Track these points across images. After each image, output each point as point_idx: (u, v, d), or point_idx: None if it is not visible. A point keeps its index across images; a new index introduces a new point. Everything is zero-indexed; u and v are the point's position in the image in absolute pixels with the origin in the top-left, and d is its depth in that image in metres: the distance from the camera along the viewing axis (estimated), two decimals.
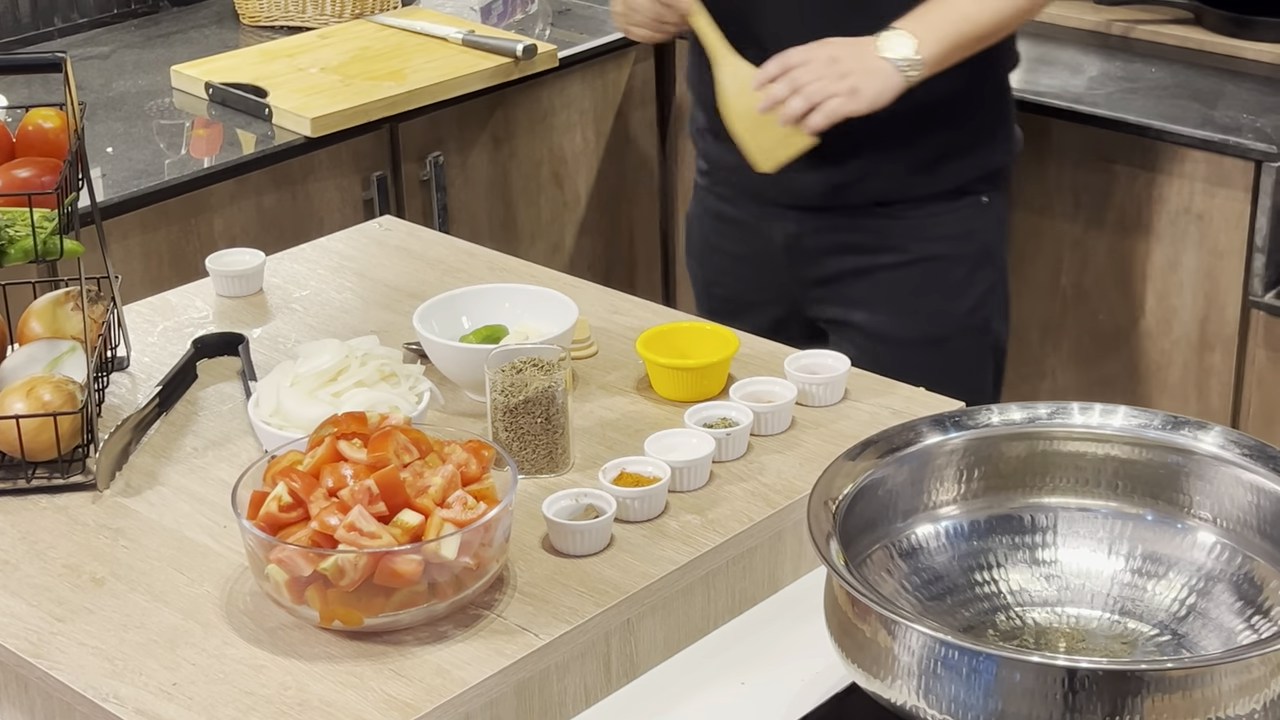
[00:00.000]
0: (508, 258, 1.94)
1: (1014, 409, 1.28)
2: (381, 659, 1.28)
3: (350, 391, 1.47)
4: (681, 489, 1.47)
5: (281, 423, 1.47)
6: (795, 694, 1.32)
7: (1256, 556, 1.23)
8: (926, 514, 1.28)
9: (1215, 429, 1.25)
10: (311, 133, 2.54)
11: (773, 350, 1.70)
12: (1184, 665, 1.09)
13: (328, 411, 1.42)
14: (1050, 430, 1.27)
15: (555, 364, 1.49)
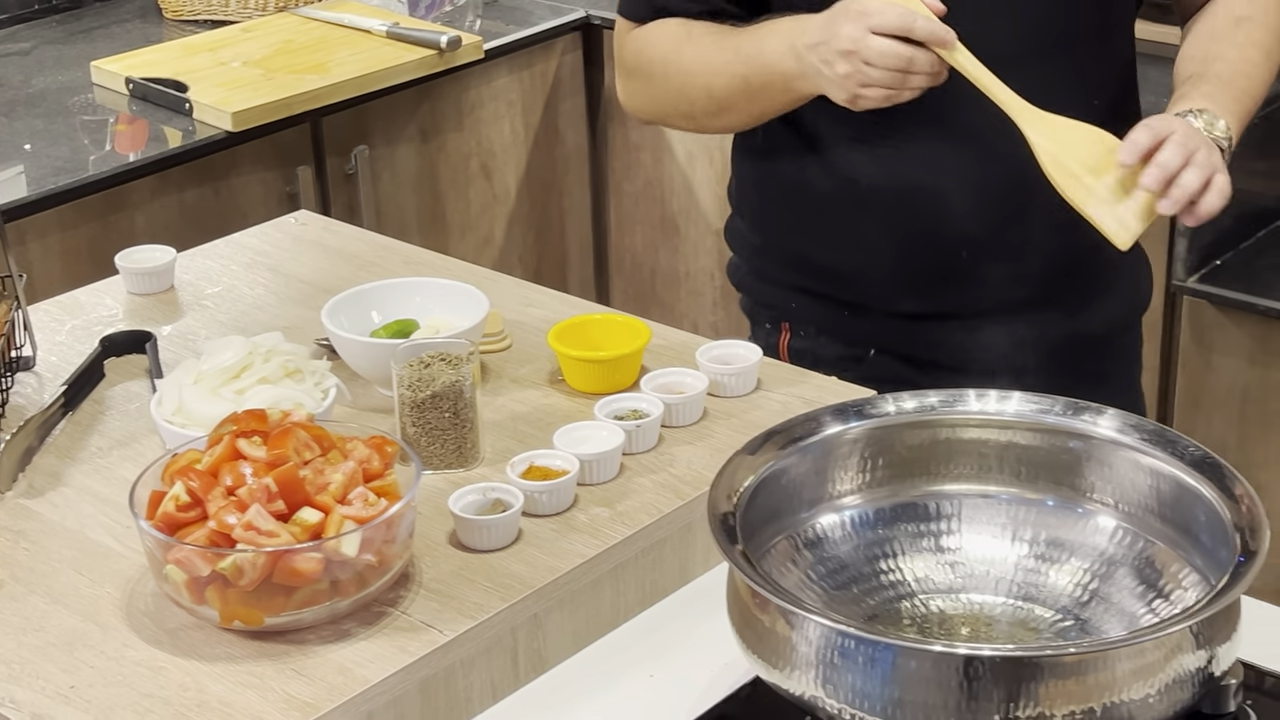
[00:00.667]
0: (424, 251, 1.93)
1: (909, 398, 1.27)
2: (283, 658, 1.27)
3: (254, 388, 1.45)
4: (591, 482, 1.46)
5: (184, 421, 1.45)
6: (704, 686, 1.32)
7: (1157, 540, 1.23)
8: (829, 504, 1.28)
9: (1113, 414, 1.25)
10: (233, 127, 2.52)
11: (685, 341, 1.69)
12: (1078, 651, 1.09)
13: (230, 409, 1.40)
14: (949, 418, 1.26)
15: (463, 358, 1.48)
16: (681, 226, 3.07)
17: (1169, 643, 1.08)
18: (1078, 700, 1.08)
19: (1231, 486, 1.18)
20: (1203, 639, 1.10)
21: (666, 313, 3.15)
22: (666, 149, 3.04)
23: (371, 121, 2.75)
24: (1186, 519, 1.21)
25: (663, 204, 3.08)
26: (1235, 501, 1.17)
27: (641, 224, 3.14)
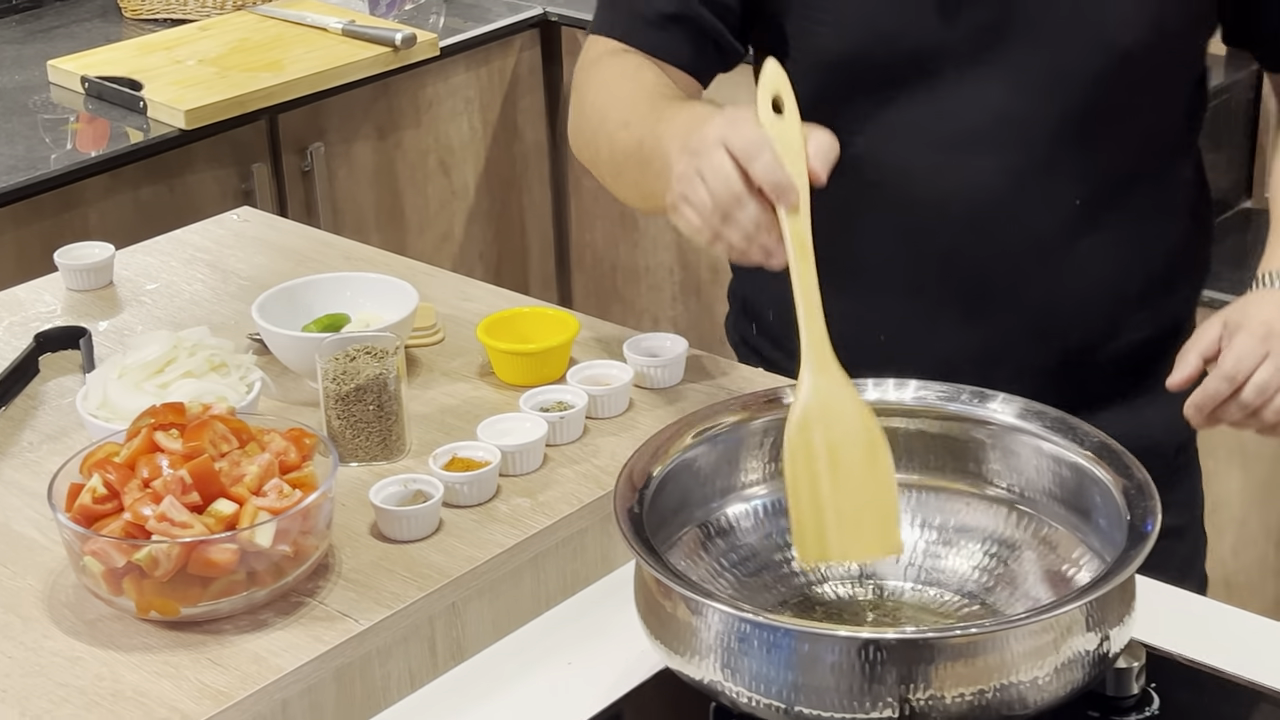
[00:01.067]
0: (363, 247, 1.94)
1: None
2: (199, 648, 1.28)
3: (177, 382, 1.47)
4: (514, 473, 1.48)
5: (108, 415, 1.47)
6: (620, 673, 1.33)
7: (1058, 525, 1.25)
8: (738, 494, 1.30)
9: (1014, 401, 1.26)
10: (186, 125, 2.54)
11: (618, 334, 1.70)
12: (971, 633, 1.10)
13: (153, 403, 1.42)
14: None
15: (388, 351, 1.50)
16: (640, 222, 3.09)
17: (1060, 624, 1.10)
18: (969, 681, 1.10)
19: (1128, 472, 1.20)
20: (1094, 620, 1.12)
21: (628, 308, 3.17)
22: None
23: (327, 119, 2.76)
24: (1086, 504, 1.23)
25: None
26: (1131, 487, 1.19)
27: (602, 220, 3.15)
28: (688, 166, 1.26)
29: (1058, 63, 1.45)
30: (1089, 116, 1.47)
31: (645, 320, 3.15)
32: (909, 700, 1.10)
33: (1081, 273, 1.52)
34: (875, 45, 1.48)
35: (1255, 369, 1.32)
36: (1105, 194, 1.50)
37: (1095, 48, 1.45)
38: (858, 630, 1.13)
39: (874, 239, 1.53)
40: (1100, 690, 1.24)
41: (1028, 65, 1.45)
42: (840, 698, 1.11)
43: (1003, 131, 1.47)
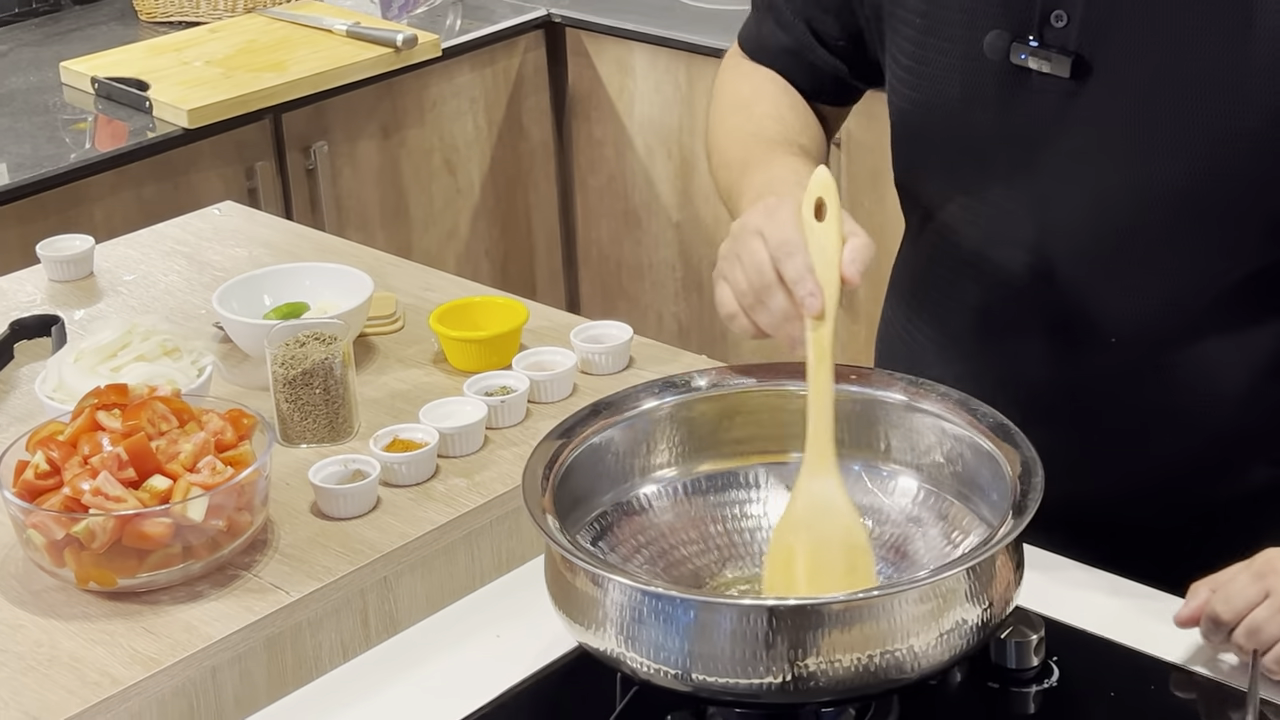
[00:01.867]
0: (335, 239, 2.00)
1: (716, 373, 1.33)
2: (135, 617, 1.34)
3: (130, 366, 1.53)
4: (453, 454, 1.53)
5: (64, 397, 1.53)
6: (545, 645, 1.38)
7: (955, 500, 1.28)
8: (649, 475, 1.33)
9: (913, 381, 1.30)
10: (189, 124, 2.60)
11: (568, 322, 1.75)
12: (855, 599, 1.14)
13: (106, 383, 1.48)
14: (754, 389, 1.32)
15: (335, 337, 1.55)
16: (644, 219, 3.14)
17: (939, 590, 1.13)
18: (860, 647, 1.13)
19: (1020, 450, 1.23)
20: (975, 588, 1.15)
21: (633, 304, 3.22)
22: (628, 144, 3.10)
23: (331, 118, 2.83)
24: (982, 481, 1.26)
25: (625, 198, 3.15)
26: (1022, 464, 1.22)
27: (606, 217, 3.20)
28: (729, 247, 1.29)
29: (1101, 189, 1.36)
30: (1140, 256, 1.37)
31: (650, 316, 3.19)
32: (799, 665, 1.14)
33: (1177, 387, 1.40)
34: (952, 115, 1.42)
35: (1248, 609, 1.23)
36: (1207, 295, 1.37)
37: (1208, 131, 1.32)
38: (748, 599, 1.17)
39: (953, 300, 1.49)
40: (1001, 662, 1.27)
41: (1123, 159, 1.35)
42: (734, 664, 1.15)
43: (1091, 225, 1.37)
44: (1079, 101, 1.35)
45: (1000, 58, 1.36)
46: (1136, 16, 1.32)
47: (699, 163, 3.01)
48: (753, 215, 1.28)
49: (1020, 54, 1.35)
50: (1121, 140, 1.34)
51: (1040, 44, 1.35)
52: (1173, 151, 1.33)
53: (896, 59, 1.45)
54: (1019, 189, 1.39)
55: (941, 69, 1.40)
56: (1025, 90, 1.36)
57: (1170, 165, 1.33)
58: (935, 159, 1.46)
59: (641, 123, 3.07)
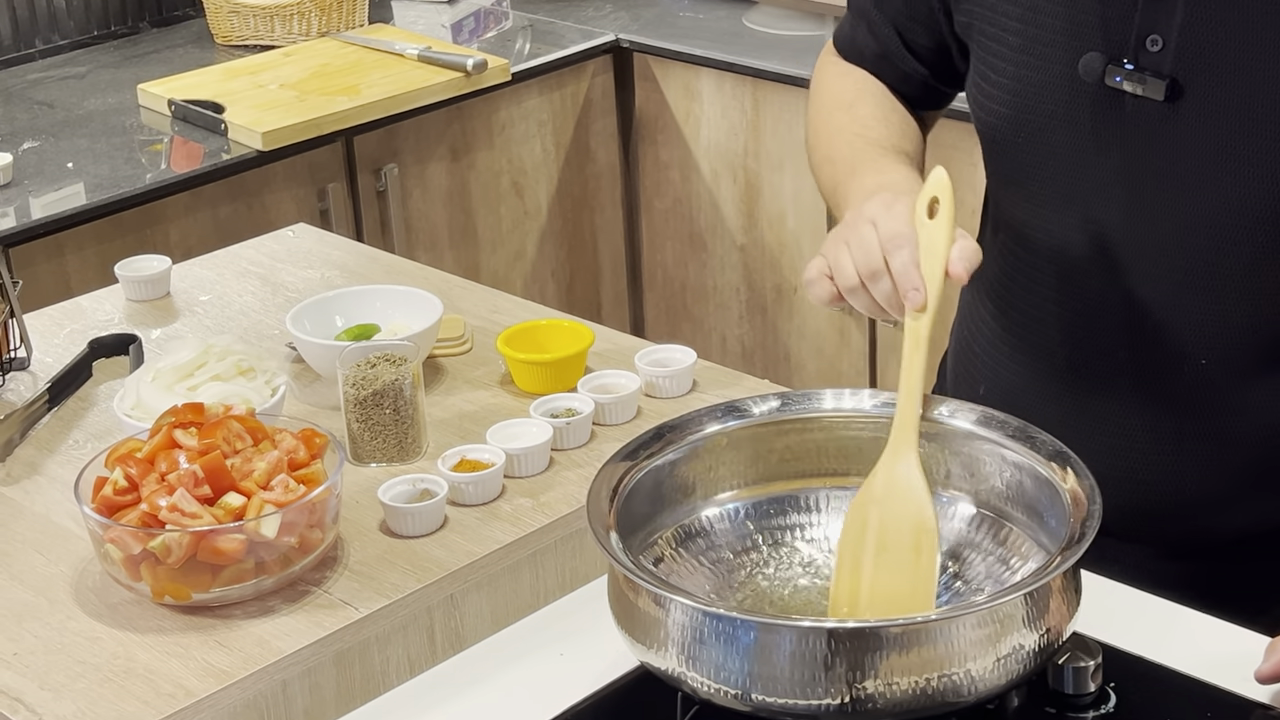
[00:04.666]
0: (405, 262, 2.04)
1: (774, 399, 1.35)
2: (208, 631, 1.38)
3: (205, 385, 1.57)
4: (519, 474, 1.56)
5: (141, 415, 1.57)
6: (608, 663, 1.40)
7: (1014, 526, 1.30)
8: (711, 498, 1.35)
9: (971, 408, 1.31)
10: (263, 146, 2.65)
11: (632, 345, 1.78)
12: (916, 622, 1.16)
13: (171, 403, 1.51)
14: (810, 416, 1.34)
15: (406, 359, 1.59)
16: (709, 242, 3.16)
17: (997, 616, 1.15)
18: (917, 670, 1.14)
19: (1079, 477, 1.25)
20: (1033, 614, 1.17)
21: (697, 327, 3.24)
22: (694, 167, 3.13)
23: (401, 141, 2.87)
24: (1041, 507, 1.28)
25: (690, 221, 3.17)
26: (1081, 490, 1.23)
27: (672, 240, 3.23)
28: (840, 232, 1.34)
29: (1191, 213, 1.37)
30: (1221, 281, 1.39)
31: (714, 339, 3.21)
32: (858, 687, 1.16)
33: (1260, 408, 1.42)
34: (1016, 126, 1.44)
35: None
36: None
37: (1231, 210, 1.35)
38: (807, 620, 1.19)
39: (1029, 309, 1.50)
40: (1058, 687, 1.28)
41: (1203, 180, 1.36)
42: (793, 686, 1.17)
43: (1133, 262, 1.39)
44: (1172, 124, 1.36)
45: (1095, 80, 1.38)
46: (1231, 41, 1.34)
47: (764, 187, 3.03)
48: (870, 205, 1.33)
49: (1115, 76, 1.36)
50: (1214, 164, 1.36)
51: (1135, 67, 1.36)
52: (1266, 175, 1.34)
53: (985, 74, 1.47)
54: (1110, 209, 1.40)
55: (1035, 86, 1.42)
56: (1118, 112, 1.38)
57: (1262, 188, 1.34)
58: (1023, 174, 1.47)
59: (707, 147, 3.09)
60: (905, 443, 1.28)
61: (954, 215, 1.27)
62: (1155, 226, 1.39)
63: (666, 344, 1.73)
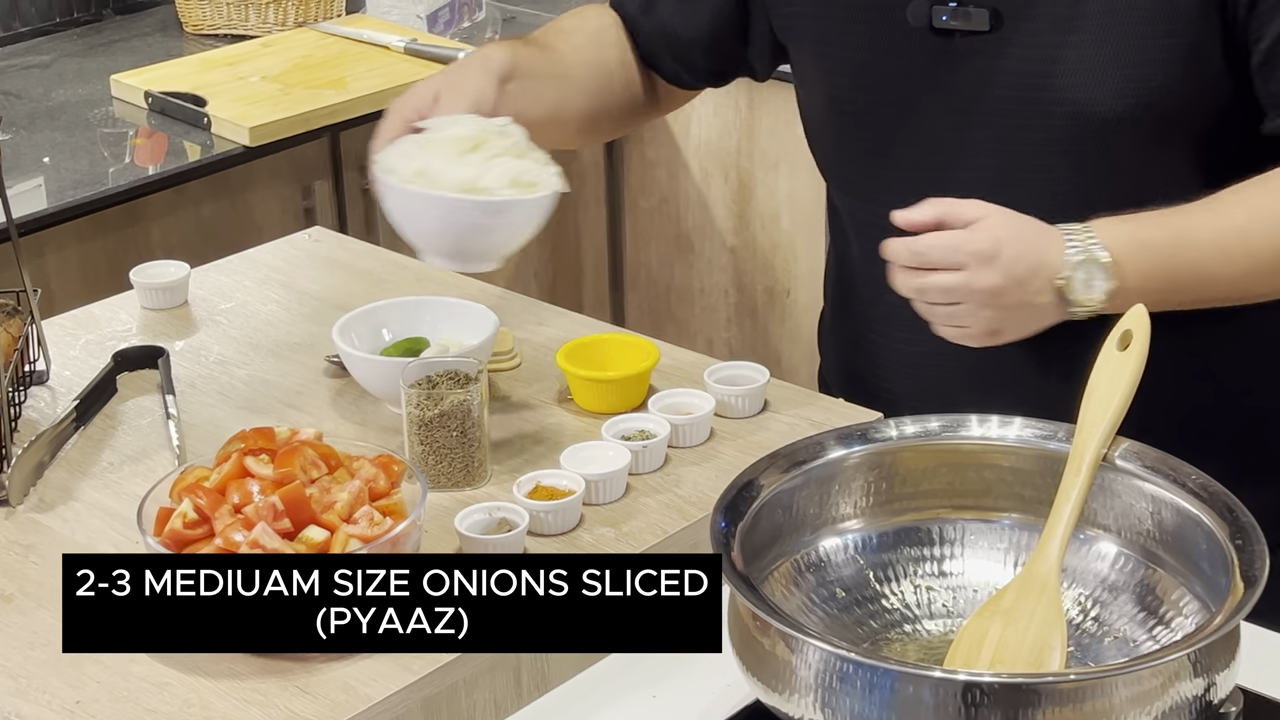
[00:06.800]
0: (439, 270, 1.93)
1: (910, 422, 1.28)
2: (287, 675, 1.28)
3: (500, 159, 1.45)
4: (597, 501, 1.47)
5: (427, 183, 1.44)
6: (705, 706, 1.32)
7: (1158, 567, 1.23)
8: (831, 528, 1.28)
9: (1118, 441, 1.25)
10: (250, 142, 2.54)
11: (695, 361, 1.70)
12: (1077, 678, 1.09)
13: (478, 174, 1.41)
14: (951, 443, 1.27)
15: (471, 377, 1.49)
16: (696, 243, 3.08)
17: (1167, 670, 1.09)
18: None
19: (1233, 514, 1.18)
20: (1201, 667, 1.10)
21: (681, 329, 3.16)
22: (682, 166, 3.05)
23: None
24: (1187, 546, 1.21)
25: (678, 221, 3.09)
26: (1236, 529, 1.17)
27: (657, 240, 3.15)
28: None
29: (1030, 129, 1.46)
30: (1081, 185, 1.46)
31: (699, 341, 3.14)
32: None
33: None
34: (861, 92, 1.53)
35: None
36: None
37: (1068, 117, 1.44)
38: (958, 673, 1.12)
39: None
40: None
41: (1012, 130, 1.46)
42: None
43: (993, 198, 1.41)
44: (1000, 53, 1.45)
45: (924, 24, 1.47)
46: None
47: (757, 187, 2.96)
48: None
49: (942, 16, 1.46)
50: (1042, 85, 1.44)
51: (959, 4, 1.45)
52: (1092, 86, 1.42)
53: (818, 55, 1.55)
54: (955, 149, 1.45)
55: (871, 46, 1.51)
56: (950, 52, 1.47)
57: (1098, 94, 1.42)
58: (872, 141, 1.54)
59: (697, 145, 3.01)
60: (1047, 562, 1.21)
61: (1145, 352, 1.23)
62: (996, 158, 1.46)
63: (735, 360, 1.65)
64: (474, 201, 1.44)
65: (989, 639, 1.20)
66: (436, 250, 1.50)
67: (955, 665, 1.20)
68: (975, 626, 1.21)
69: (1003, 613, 1.21)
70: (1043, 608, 1.20)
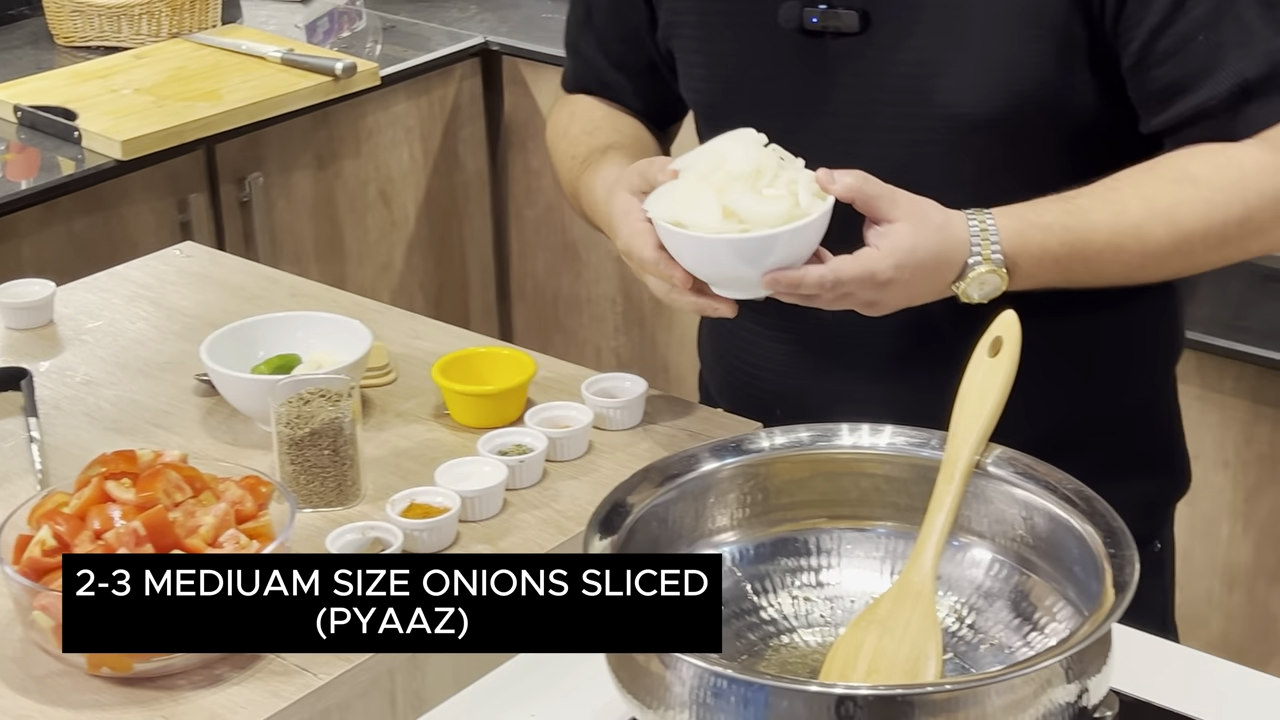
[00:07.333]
0: (310, 283, 1.91)
1: (782, 433, 1.27)
2: (153, 705, 1.24)
3: (785, 174, 1.35)
4: (473, 518, 1.45)
5: (743, 226, 1.33)
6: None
7: (1031, 574, 1.23)
8: (707, 540, 1.27)
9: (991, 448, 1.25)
10: (122, 155, 2.49)
11: (574, 374, 1.68)
12: (949, 689, 1.08)
13: (787, 208, 1.33)
14: (825, 453, 1.26)
15: (343, 394, 1.47)
16: (582, 252, 3.07)
17: (1039, 678, 1.08)
18: None
19: (1104, 519, 1.19)
20: (1073, 673, 1.10)
21: (569, 339, 3.15)
22: None
23: (266, 148, 2.72)
24: (1060, 552, 1.21)
25: (563, 230, 3.07)
26: (1108, 534, 1.17)
27: (543, 250, 3.13)
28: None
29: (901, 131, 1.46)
30: (955, 185, 1.44)
31: (588, 351, 3.12)
32: None
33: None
34: (736, 95, 1.53)
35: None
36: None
37: (939, 119, 1.45)
38: (834, 687, 1.11)
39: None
40: None
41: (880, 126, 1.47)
42: None
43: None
44: (870, 55, 1.45)
45: (795, 26, 1.47)
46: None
47: None
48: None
49: (813, 18, 1.46)
50: (911, 87, 1.45)
51: (829, 6, 1.46)
52: (968, 83, 1.43)
53: (693, 60, 1.55)
54: (828, 150, 1.43)
55: (744, 50, 1.50)
56: (821, 54, 1.47)
57: (967, 96, 1.43)
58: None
59: None
60: (921, 572, 1.20)
61: (1016, 358, 1.24)
62: (874, 160, 1.42)
63: (612, 372, 1.63)
64: (821, 220, 1.36)
65: (865, 649, 1.19)
66: (761, 283, 1.38)
67: (831, 676, 1.19)
68: (851, 637, 1.20)
69: (878, 622, 1.20)
70: (918, 617, 1.20)
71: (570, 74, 1.73)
